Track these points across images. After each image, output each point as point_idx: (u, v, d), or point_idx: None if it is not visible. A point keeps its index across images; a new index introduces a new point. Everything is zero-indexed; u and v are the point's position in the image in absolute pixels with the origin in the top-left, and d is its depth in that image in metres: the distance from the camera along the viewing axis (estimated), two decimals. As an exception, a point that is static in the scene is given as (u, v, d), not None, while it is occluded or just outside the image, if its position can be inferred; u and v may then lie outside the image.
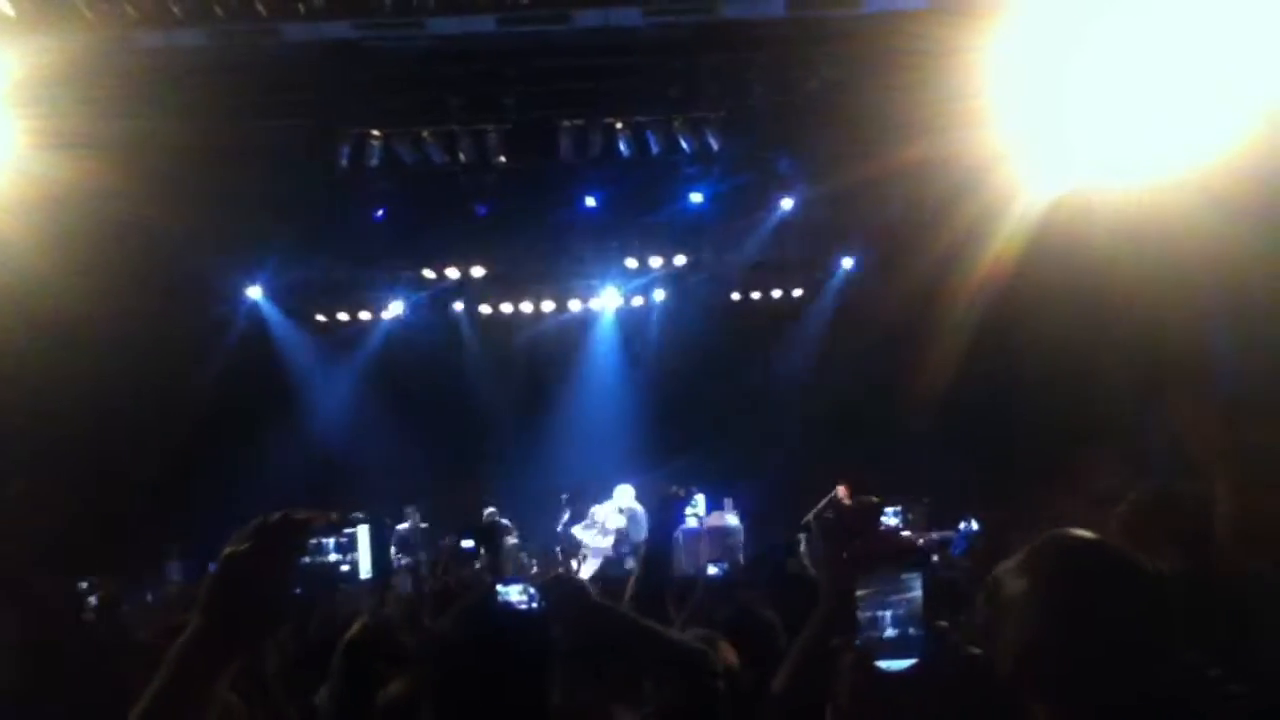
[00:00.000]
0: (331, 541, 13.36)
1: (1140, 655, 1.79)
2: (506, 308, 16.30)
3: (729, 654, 3.24)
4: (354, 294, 15.91)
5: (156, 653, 1.62)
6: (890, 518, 12.80)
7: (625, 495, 13.31)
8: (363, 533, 13.93)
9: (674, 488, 4.06)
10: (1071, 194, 9.35)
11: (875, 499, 2.35)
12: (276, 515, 1.68)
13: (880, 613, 1.91)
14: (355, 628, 3.71)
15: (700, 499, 13.20)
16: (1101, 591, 1.84)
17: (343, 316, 16.07)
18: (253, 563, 1.63)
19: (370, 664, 3.46)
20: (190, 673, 1.58)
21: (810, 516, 12.22)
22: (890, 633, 1.89)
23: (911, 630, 1.88)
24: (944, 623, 1.93)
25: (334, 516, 1.89)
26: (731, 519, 14.13)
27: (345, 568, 13.32)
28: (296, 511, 1.70)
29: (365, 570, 13.77)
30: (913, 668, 1.85)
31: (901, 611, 1.89)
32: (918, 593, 1.89)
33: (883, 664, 1.86)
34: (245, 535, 1.66)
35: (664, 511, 4.06)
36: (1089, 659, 1.79)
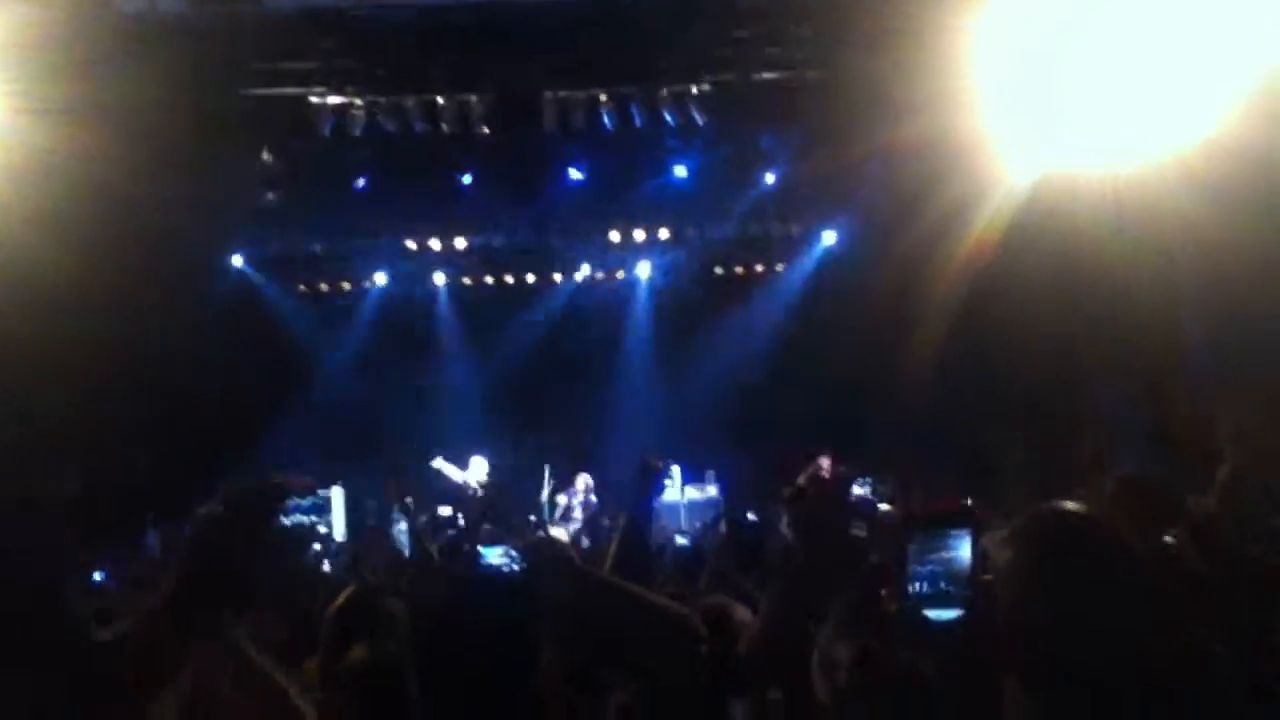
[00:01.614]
0: (307, 503, 13.39)
1: (1122, 628, 1.82)
2: (489, 280, 16.25)
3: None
4: (336, 264, 15.82)
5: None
6: (860, 487, 12.88)
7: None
8: (337, 495, 13.94)
9: (653, 458, 4.04)
10: (1055, 175, 9.38)
11: (843, 469, 2.39)
12: (251, 478, 1.69)
13: (929, 568, 1.97)
14: (342, 597, 3.73)
15: (677, 471, 13.25)
16: (1088, 564, 1.87)
17: (324, 286, 15.98)
18: (227, 525, 1.63)
19: (357, 633, 3.48)
20: (166, 630, 1.58)
21: (786, 491, 12.35)
22: (938, 587, 1.95)
23: (958, 585, 1.95)
24: (989, 577, 1.97)
25: (308, 480, 1.90)
26: (711, 490, 14.23)
27: (321, 530, 13.37)
28: (271, 475, 1.71)
29: (340, 533, 13.81)
30: (958, 619, 1.89)
31: (949, 568, 1.96)
32: (966, 550, 1.95)
33: (930, 614, 1.91)
34: (220, 498, 1.67)
35: (642, 482, 4.00)
36: (1071, 630, 1.82)
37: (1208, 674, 1.88)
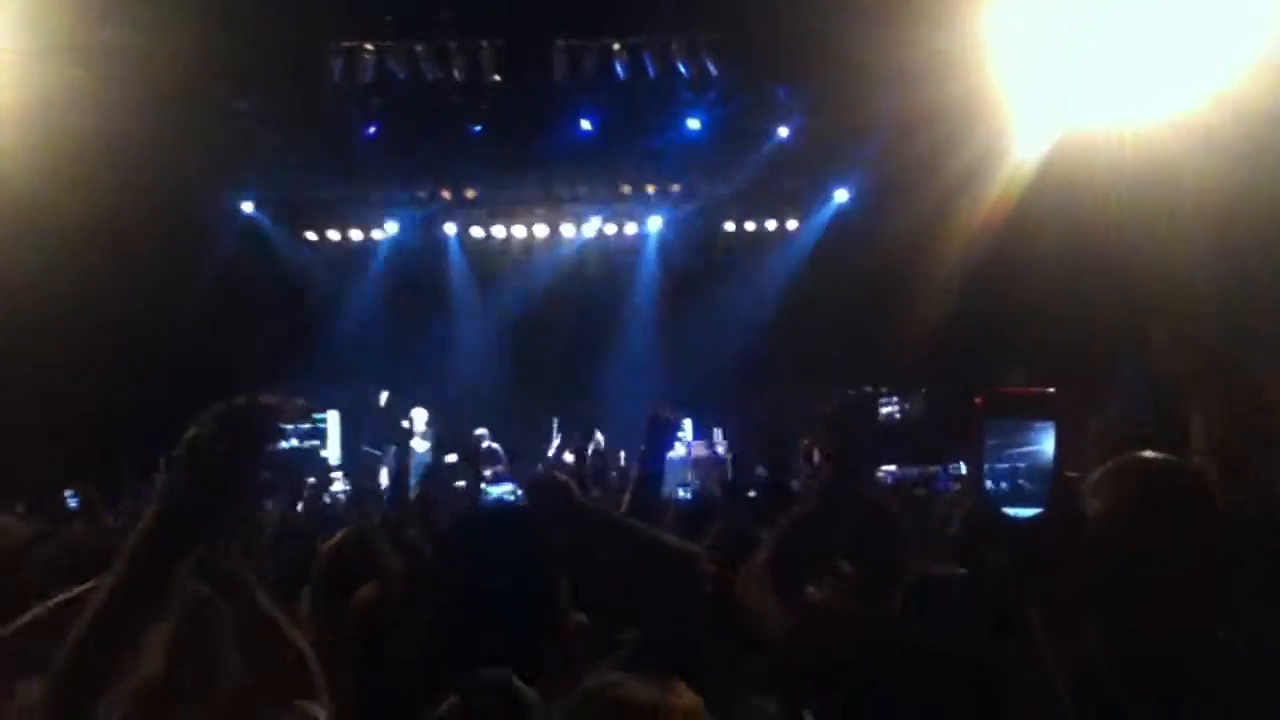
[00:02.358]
0: (305, 429, 13.35)
1: (1199, 582, 1.79)
2: (499, 231, 16.16)
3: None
4: (345, 212, 15.74)
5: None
6: (888, 406, 12.74)
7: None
8: (333, 419, 13.94)
9: (664, 410, 3.99)
10: (1070, 135, 9.26)
11: (869, 388, 2.34)
12: (242, 399, 1.63)
13: (1007, 463, 1.85)
14: (338, 535, 3.71)
15: (688, 424, 13.22)
16: (1176, 514, 1.84)
17: (333, 234, 15.90)
18: (215, 445, 1.57)
19: (351, 571, 3.46)
20: (150, 558, 1.52)
21: (802, 446, 12.28)
22: (1016, 484, 1.84)
23: (1039, 482, 1.83)
24: (1074, 474, 1.90)
25: (302, 404, 1.82)
26: (719, 448, 14.20)
27: (323, 453, 13.38)
28: (264, 396, 1.65)
29: (335, 458, 13.82)
30: (1036, 517, 1.81)
31: (1030, 463, 1.84)
32: (1049, 444, 1.83)
33: (1008, 510, 1.83)
34: (209, 418, 1.60)
35: (655, 433, 3.97)
36: (1153, 579, 1.79)
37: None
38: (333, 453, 11.24)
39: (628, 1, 11.43)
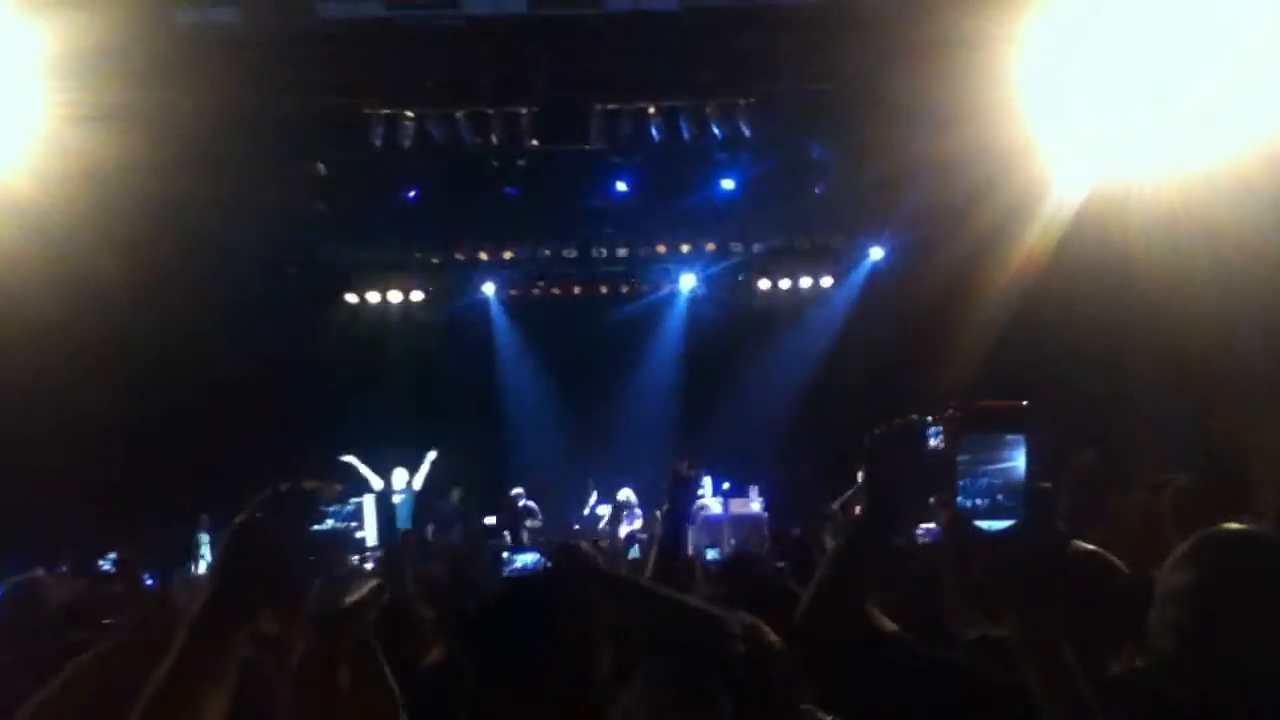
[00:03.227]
0: (339, 510, 13.41)
1: None
2: (536, 292, 16.34)
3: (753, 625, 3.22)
4: (385, 274, 15.98)
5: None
6: (932, 438, 12.60)
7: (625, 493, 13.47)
8: (368, 503, 14.06)
9: (685, 466, 4.03)
10: (1105, 185, 9.24)
11: (915, 417, 2.31)
12: (286, 483, 1.73)
13: (980, 479, 1.87)
14: (376, 601, 3.72)
15: (708, 480, 13.20)
16: (1262, 587, 1.83)
17: (373, 297, 16.13)
18: (264, 529, 1.67)
19: (391, 637, 3.48)
20: (206, 639, 1.61)
21: (836, 505, 12.20)
22: (991, 498, 1.86)
23: (1012, 494, 1.85)
24: (1047, 484, 1.88)
25: (339, 487, 1.94)
26: (755, 506, 14.13)
27: (359, 534, 13.44)
28: (305, 480, 1.76)
29: (371, 540, 13.89)
30: (1010, 528, 1.83)
31: (1002, 479, 1.86)
32: (1020, 459, 1.86)
33: (981, 524, 1.84)
34: (256, 503, 1.70)
35: (677, 490, 4.00)
36: (1244, 651, 1.78)
37: None
38: (369, 533, 11.42)
39: (663, 66, 11.58)
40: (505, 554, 8.76)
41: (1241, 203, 7.75)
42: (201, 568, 11.57)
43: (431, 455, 13.55)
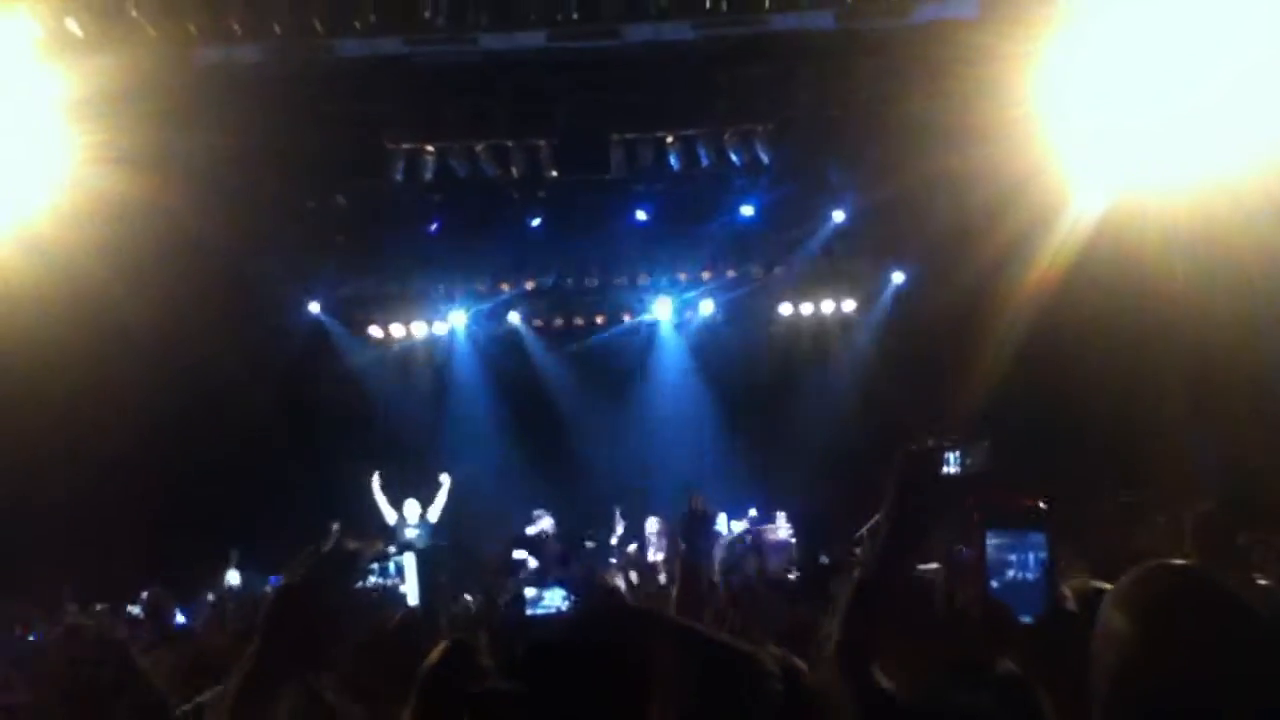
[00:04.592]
0: (389, 568, 13.39)
1: (1235, 687, 1.77)
2: (559, 321, 16.39)
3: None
4: (408, 307, 16.08)
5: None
6: (952, 466, 12.50)
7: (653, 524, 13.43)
8: (409, 561, 14.03)
9: (701, 504, 4.18)
10: (1124, 200, 9.21)
11: (931, 441, 2.31)
12: (329, 544, 1.77)
13: (1008, 567, 1.96)
14: (439, 650, 3.72)
15: (722, 517, 13.21)
16: (1200, 624, 1.82)
17: (397, 330, 16.23)
18: (308, 590, 1.70)
19: (456, 684, 3.47)
20: (251, 698, 1.64)
21: (864, 531, 12.14)
22: (1017, 582, 1.95)
23: (1036, 588, 1.94)
24: (1066, 591, 1.97)
25: (380, 545, 1.99)
26: (784, 532, 14.07)
27: (402, 589, 13.44)
28: (347, 541, 1.79)
29: (412, 598, 13.85)
30: (1036, 621, 1.90)
31: (1028, 571, 1.95)
32: (1043, 552, 1.94)
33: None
34: (299, 563, 1.73)
35: (694, 527, 4.14)
36: (1185, 689, 1.77)
37: None
38: (411, 591, 11.46)
39: (680, 95, 11.65)
40: (531, 591, 8.70)
41: (1259, 218, 7.71)
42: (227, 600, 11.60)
43: (446, 480, 13.52)
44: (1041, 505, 2.01)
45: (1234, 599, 1.84)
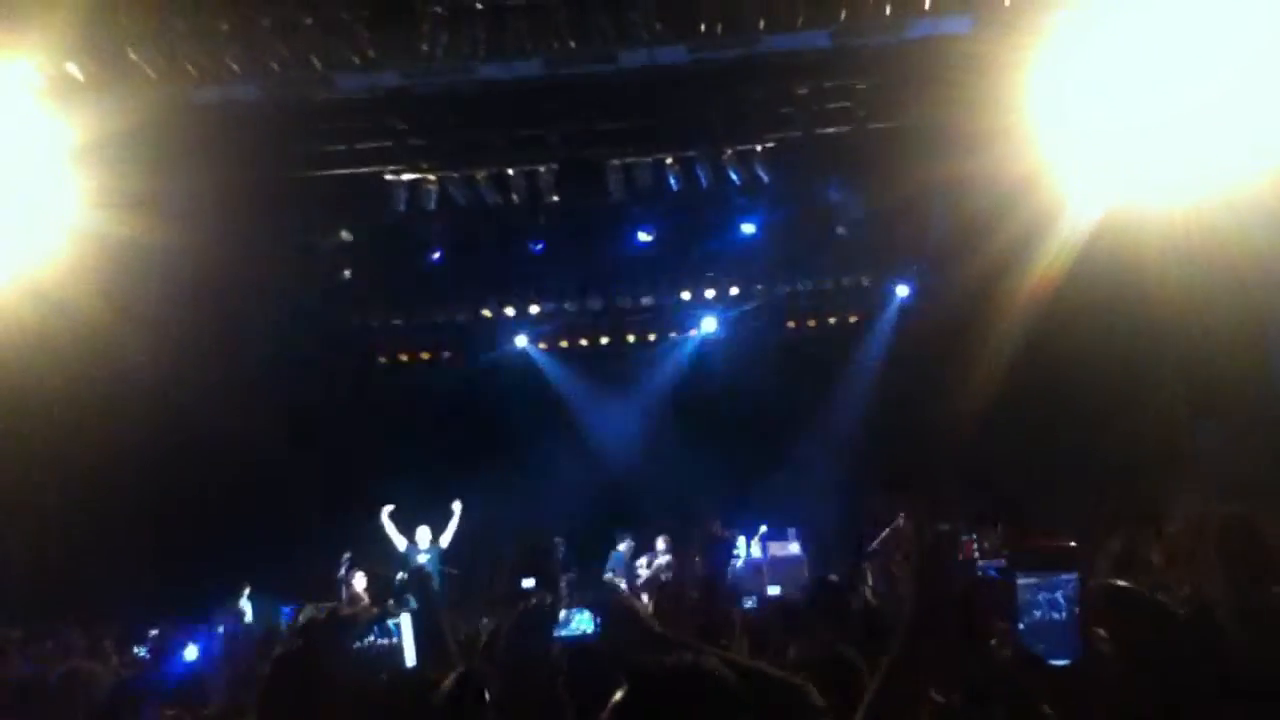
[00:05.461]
0: (387, 627, 13.38)
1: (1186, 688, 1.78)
2: (564, 345, 16.43)
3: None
4: (413, 335, 16.13)
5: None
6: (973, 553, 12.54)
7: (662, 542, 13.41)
8: (405, 622, 14.03)
9: (721, 529, 4.27)
10: (1121, 210, 9.21)
11: (948, 527, 2.32)
12: (324, 612, 1.80)
13: (1038, 610, 1.96)
14: (451, 679, 3.72)
15: (741, 541, 13.19)
16: (1144, 635, 1.83)
17: (403, 358, 16.28)
18: (302, 660, 1.72)
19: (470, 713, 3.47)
20: None
21: (874, 545, 12.11)
22: (1048, 625, 1.93)
23: (1067, 629, 1.93)
24: (1101, 631, 1.98)
25: (375, 610, 2.01)
26: (794, 548, 14.06)
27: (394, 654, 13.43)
28: (342, 608, 1.82)
29: (410, 659, 13.84)
30: (1069, 665, 1.89)
31: (1058, 613, 1.94)
32: (1073, 593, 1.94)
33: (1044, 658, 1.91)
34: (294, 632, 1.77)
35: (714, 551, 4.22)
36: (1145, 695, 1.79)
37: None
38: (409, 651, 11.47)
39: (677, 118, 11.71)
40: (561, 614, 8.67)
41: (1257, 223, 7.70)
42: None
43: (458, 507, 13.54)
44: (1072, 546, 2.00)
45: (1164, 612, 1.87)
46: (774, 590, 12.32)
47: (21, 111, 8.34)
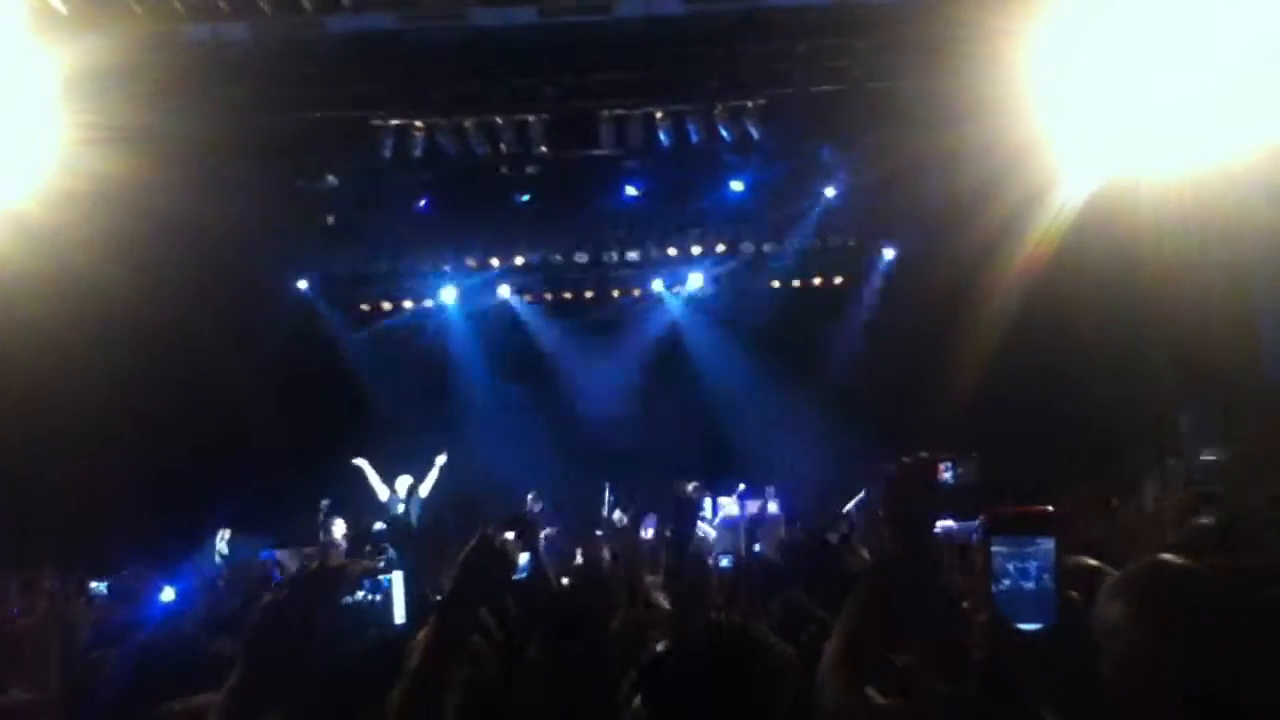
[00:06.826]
0: (373, 582, 13.34)
1: (1230, 669, 1.78)
2: (549, 297, 16.36)
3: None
4: (397, 283, 16.02)
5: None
6: (945, 472, 12.59)
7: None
8: (397, 579, 14.01)
9: (689, 487, 4.29)
10: (1116, 180, 9.20)
11: (926, 454, 2.32)
12: (315, 563, 1.79)
13: (1013, 574, 1.94)
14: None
15: (709, 502, 13.22)
16: (1197, 616, 1.82)
17: (386, 305, 16.19)
18: (291, 607, 1.71)
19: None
20: (242, 710, 1.64)
21: (850, 506, 12.17)
22: (1023, 590, 1.93)
23: (1045, 595, 1.92)
24: (1075, 594, 1.95)
25: (367, 564, 2.00)
26: (773, 507, 14.11)
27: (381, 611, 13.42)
28: (333, 560, 1.81)
29: (399, 616, 13.83)
30: (1044, 630, 1.88)
31: (1033, 579, 1.93)
32: (1050, 559, 1.93)
33: (1019, 624, 1.90)
34: (286, 583, 1.75)
35: (681, 511, 4.28)
36: (1185, 674, 1.78)
37: None
38: (398, 609, 11.44)
39: (670, 71, 11.59)
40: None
41: (1252, 197, 7.71)
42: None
43: (441, 459, 13.51)
44: (1050, 510, 1.99)
45: (1230, 593, 1.86)
46: (754, 549, 12.37)
47: (5, 45, 8.16)
